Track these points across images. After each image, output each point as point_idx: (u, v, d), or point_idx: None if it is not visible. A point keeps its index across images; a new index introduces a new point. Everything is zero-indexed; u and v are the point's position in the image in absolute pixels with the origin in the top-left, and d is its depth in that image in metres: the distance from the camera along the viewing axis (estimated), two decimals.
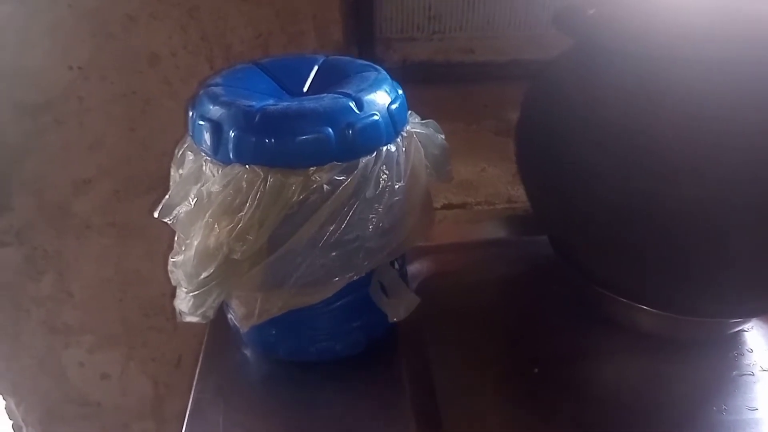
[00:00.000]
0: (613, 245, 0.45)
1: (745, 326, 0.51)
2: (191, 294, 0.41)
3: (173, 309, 0.42)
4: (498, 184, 0.63)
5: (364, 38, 0.63)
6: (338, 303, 0.42)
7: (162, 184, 0.41)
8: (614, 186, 0.42)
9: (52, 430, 0.80)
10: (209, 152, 0.39)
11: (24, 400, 0.78)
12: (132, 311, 0.73)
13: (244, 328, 0.43)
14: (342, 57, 0.47)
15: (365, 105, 0.38)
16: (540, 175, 0.50)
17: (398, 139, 0.41)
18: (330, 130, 0.37)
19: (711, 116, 0.37)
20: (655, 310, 0.47)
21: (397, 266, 0.46)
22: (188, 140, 0.42)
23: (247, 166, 0.37)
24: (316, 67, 0.45)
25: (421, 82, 0.63)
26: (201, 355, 0.48)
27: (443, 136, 0.46)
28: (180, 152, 0.43)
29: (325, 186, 0.37)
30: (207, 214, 0.38)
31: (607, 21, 0.40)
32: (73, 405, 0.78)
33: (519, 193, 0.62)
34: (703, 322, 0.47)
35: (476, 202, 0.62)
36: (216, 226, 0.38)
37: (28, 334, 0.73)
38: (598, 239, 0.46)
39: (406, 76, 0.53)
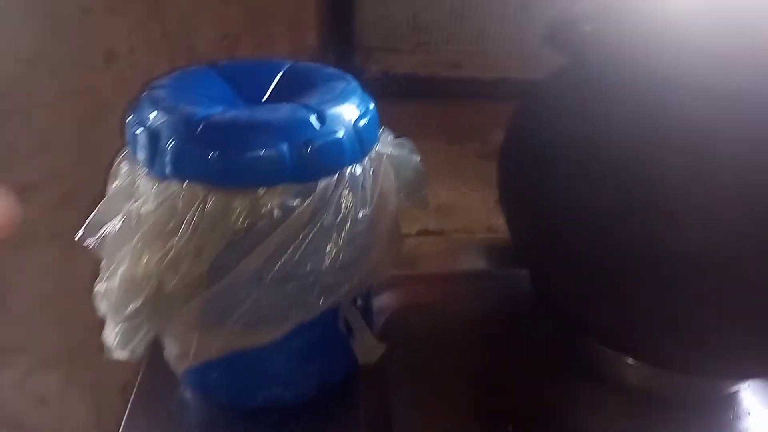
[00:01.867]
0: (600, 289, 0.40)
1: (742, 385, 0.46)
2: (118, 327, 0.36)
3: None
4: (478, 210, 0.58)
5: (342, 46, 0.58)
6: (290, 344, 0.37)
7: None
8: (606, 224, 0.37)
9: None
10: (145, 164, 0.33)
11: None
12: (75, 330, 0.66)
13: (177, 370, 0.37)
14: (310, 64, 0.42)
15: (328, 119, 0.33)
16: (523, 205, 0.46)
17: (365, 160, 0.36)
18: (285, 145, 0.32)
19: (724, 151, 0.33)
20: (644, 365, 0.42)
21: (360, 302, 0.40)
22: (125, 149, 0.37)
23: (185, 184, 0.32)
24: (280, 74, 0.40)
25: (403, 96, 0.58)
26: (133, 393, 0.43)
27: (419, 158, 0.41)
28: (116, 162, 0.37)
29: (275, 210, 0.32)
30: (136, 238, 0.32)
31: (606, 39, 0.36)
32: (6, 431, 0.71)
33: (500, 221, 0.57)
34: (699, 381, 0.42)
35: (454, 229, 0.57)
36: (145, 252, 0.32)
37: None
38: (584, 281, 0.41)
39: (387, 89, 0.48)
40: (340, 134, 0.33)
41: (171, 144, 0.32)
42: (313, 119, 0.33)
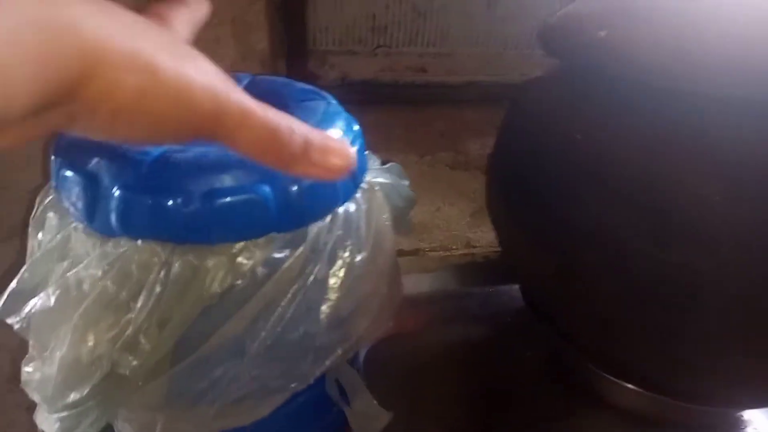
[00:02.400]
0: (600, 310, 0.37)
1: None
2: (57, 415, 0.28)
3: None
4: (455, 225, 0.54)
5: (294, 50, 0.52)
6: (272, 417, 0.31)
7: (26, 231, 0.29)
8: (608, 241, 0.34)
9: None
10: (81, 217, 0.26)
11: None
12: None
13: None
14: (275, 78, 0.35)
15: None
16: (516, 218, 0.42)
17: (357, 195, 0.30)
18: (267, 188, 0.26)
19: (729, 162, 0.30)
20: (649, 393, 0.40)
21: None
22: (52, 193, 0.29)
23: (140, 242, 0.25)
24: None
25: (364, 105, 0.53)
26: None
27: (408, 183, 0.36)
28: (40, 209, 0.30)
29: (259, 268, 0.26)
30: (77, 314, 0.25)
31: (625, 46, 0.32)
32: None
33: (479, 236, 0.54)
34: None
35: (430, 248, 0.53)
36: (91, 331, 0.25)
37: None
38: (583, 300, 0.38)
39: (346, 97, 0.43)
40: None
41: (117, 192, 0.25)
42: None
